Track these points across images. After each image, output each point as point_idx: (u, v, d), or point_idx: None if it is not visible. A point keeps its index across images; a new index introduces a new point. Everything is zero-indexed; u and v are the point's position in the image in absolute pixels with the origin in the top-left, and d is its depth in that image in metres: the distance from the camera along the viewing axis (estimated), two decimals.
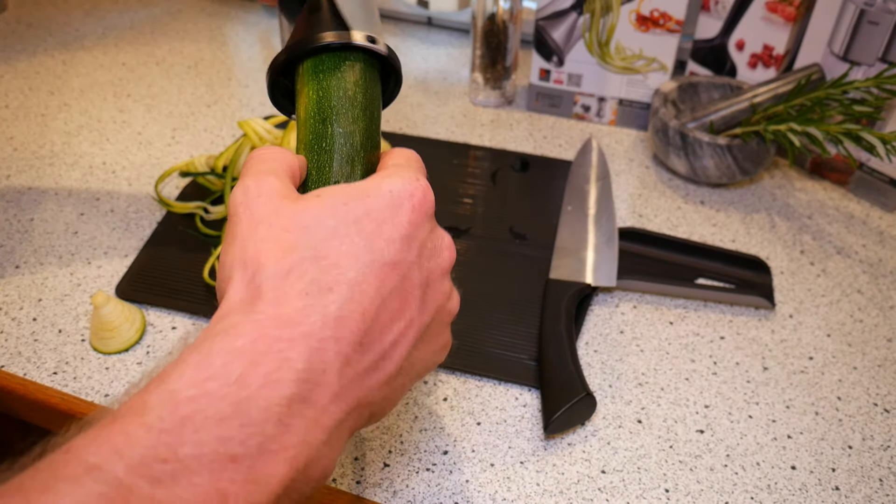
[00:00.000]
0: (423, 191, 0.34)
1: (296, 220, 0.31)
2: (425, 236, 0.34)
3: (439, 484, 0.49)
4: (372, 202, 0.32)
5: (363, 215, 0.32)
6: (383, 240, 0.32)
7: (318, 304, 0.29)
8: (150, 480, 0.25)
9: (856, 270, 0.67)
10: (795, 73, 0.72)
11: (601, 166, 0.74)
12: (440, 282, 0.35)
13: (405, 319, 0.32)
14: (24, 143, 0.80)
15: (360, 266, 0.31)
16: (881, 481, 0.50)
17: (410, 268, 0.32)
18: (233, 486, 0.26)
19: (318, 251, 0.31)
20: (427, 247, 0.34)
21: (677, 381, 0.57)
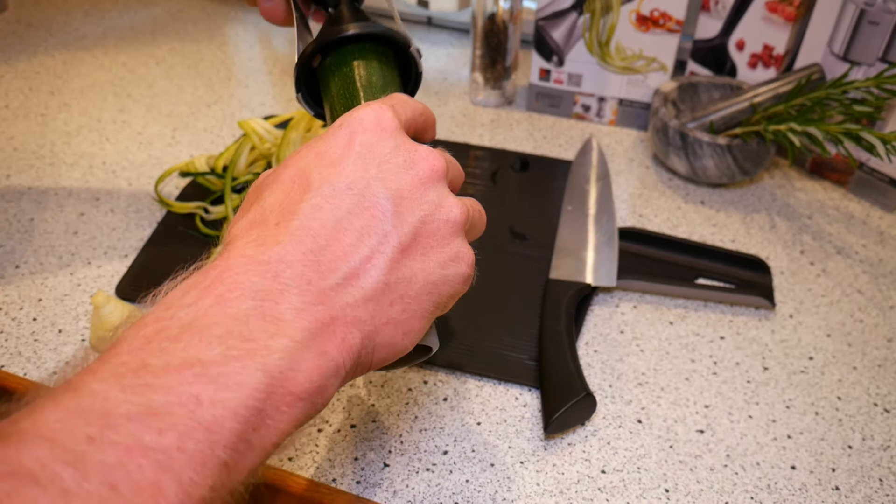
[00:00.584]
0: (377, 112, 0.35)
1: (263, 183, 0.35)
2: (387, 153, 0.35)
3: (439, 484, 0.49)
4: (330, 138, 0.35)
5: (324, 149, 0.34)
6: (338, 164, 0.33)
7: (270, 235, 0.31)
8: (124, 388, 0.26)
9: (856, 270, 0.67)
10: (795, 72, 0.72)
11: (601, 166, 0.74)
12: (419, 191, 0.35)
13: (377, 234, 0.33)
14: (24, 142, 0.80)
15: (314, 193, 0.33)
16: (881, 481, 0.50)
17: (370, 184, 0.33)
18: (205, 389, 0.26)
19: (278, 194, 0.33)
20: (392, 161, 0.34)
21: (677, 381, 0.57)
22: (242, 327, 0.28)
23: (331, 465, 0.50)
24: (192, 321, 0.28)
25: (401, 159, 0.35)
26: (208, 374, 0.27)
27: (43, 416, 0.24)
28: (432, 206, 0.35)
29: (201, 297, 0.29)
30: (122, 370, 0.26)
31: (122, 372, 0.26)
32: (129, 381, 0.26)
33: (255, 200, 0.34)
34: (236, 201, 0.67)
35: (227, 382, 0.27)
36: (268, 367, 0.28)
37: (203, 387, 0.26)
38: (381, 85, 0.43)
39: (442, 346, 0.57)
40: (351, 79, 0.43)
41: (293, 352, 0.29)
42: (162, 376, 0.26)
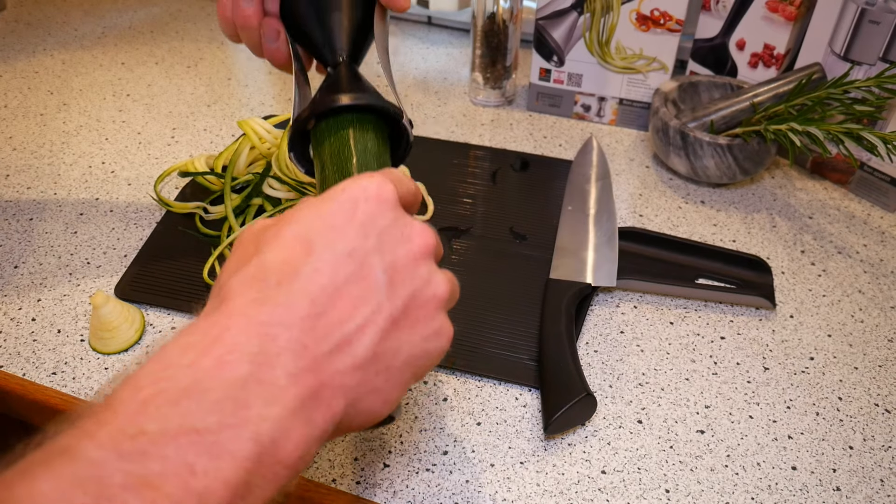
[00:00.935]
0: (379, 184, 0.36)
1: (261, 236, 0.35)
2: (386, 225, 0.35)
3: (439, 484, 0.49)
4: (330, 204, 0.35)
5: (323, 213, 0.34)
6: (338, 231, 0.34)
7: (269, 297, 0.31)
8: (120, 455, 0.26)
9: (857, 270, 0.67)
10: (796, 72, 0.72)
11: (601, 166, 0.74)
12: (412, 267, 0.35)
13: (370, 305, 0.33)
14: (23, 142, 0.79)
15: (314, 258, 0.33)
16: (882, 482, 0.50)
17: (368, 255, 0.34)
18: (199, 458, 0.27)
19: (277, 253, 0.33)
20: (390, 234, 0.35)
21: (678, 381, 0.56)
22: (239, 393, 0.28)
23: (331, 465, 0.50)
24: (191, 384, 0.28)
25: (398, 232, 0.35)
26: (203, 441, 0.27)
27: (38, 486, 0.24)
28: (422, 281, 0.35)
29: (200, 357, 0.29)
30: (119, 436, 0.26)
31: (120, 438, 0.26)
32: (125, 447, 0.26)
33: (252, 252, 0.34)
34: (236, 201, 0.66)
35: (219, 451, 0.27)
36: (259, 437, 0.28)
37: (197, 456, 0.27)
38: (374, 152, 0.45)
39: None
40: (346, 144, 0.45)
41: (284, 420, 0.29)
42: (159, 444, 0.26)
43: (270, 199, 0.66)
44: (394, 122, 0.48)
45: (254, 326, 0.30)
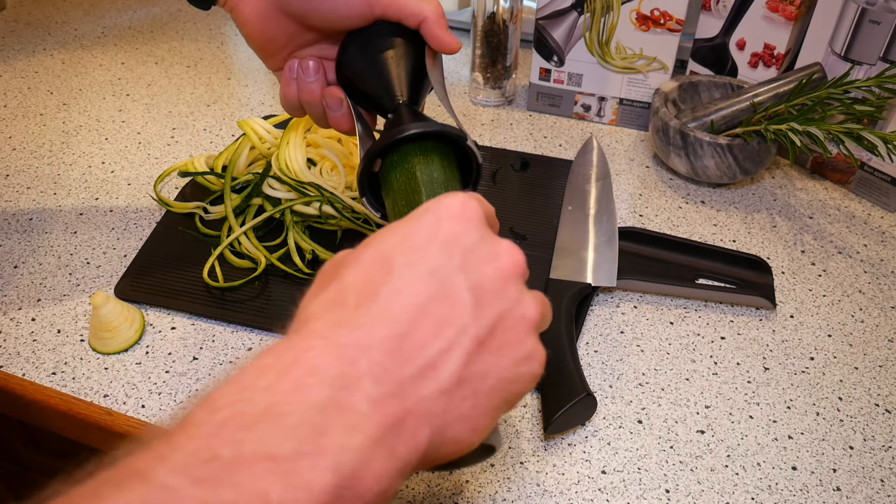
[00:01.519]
0: (463, 202, 0.34)
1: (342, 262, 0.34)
2: (471, 243, 0.34)
3: (439, 484, 0.49)
4: (414, 223, 0.34)
5: (407, 234, 0.33)
6: (421, 250, 0.32)
7: (349, 319, 0.30)
8: (193, 481, 0.25)
9: (857, 270, 0.67)
10: (796, 72, 0.72)
11: (601, 166, 0.74)
12: (499, 287, 0.34)
13: (456, 326, 0.31)
14: (22, 142, 0.79)
15: (396, 278, 0.31)
16: (882, 482, 0.50)
17: (452, 273, 0.32)
18: (274, 487, 0.25)
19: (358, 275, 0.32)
20: (476, 252, 0.33)
21: (678, 381, 0.56)
22: (317, 418, 0.27)
23: None
24: (267, 408, 0.27)
25: (484, 251, 0.34)
26: (279, 469, 0.26)
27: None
28: (511, 302, 0.33)
29: (277, 380, 0.28)
30: (192, 461, 0.25)
31: (193, 463, 0.25)
32: (199, 472, 0.25)
33: (332, 278, 0.33)
34: (236, 201, 0.66)
35: (296, 481, 0.26)
36: (339, 468, 0.27)
37: (272, 484, 0.25)
38: (442, 180, 0.45)
39: None
40: (412, 177, 0.45)
41: (365, 450, 0.28)
42: (233, 470, 0.25)
43: (270, 199, 0.66)
44: (460, 148, 0.48)
45: (333, 349, 0.29)
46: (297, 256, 0.63)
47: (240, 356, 0.57)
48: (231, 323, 0.60)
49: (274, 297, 0.61)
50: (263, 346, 0.58)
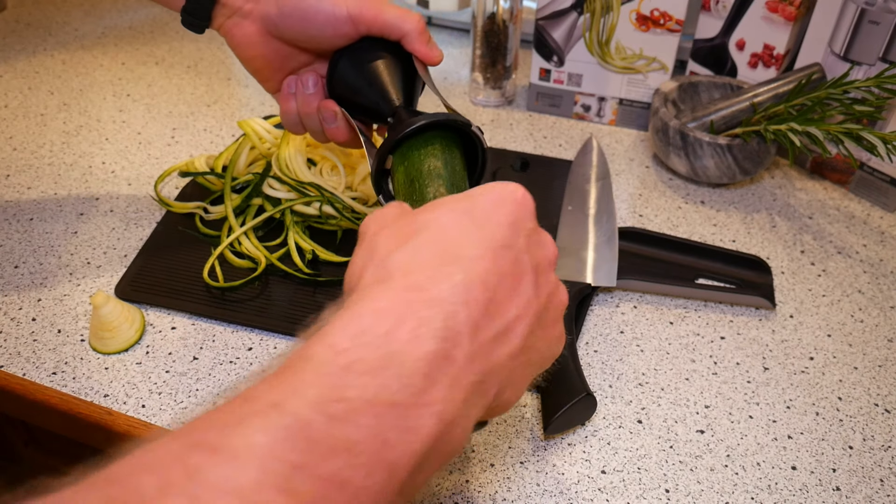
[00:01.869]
0: (524, 193, 0.37)
1: (414, 221, 0.35)
2: (531, 228, 0.37)
3: (439, 484, 0.49)
4: (479, 199, 0.36)
5: (472, 207, 0.35)
6: (494, 224, 0.35)
7: (443, 273, 0.32)
8: (327, 417, 0.27)
9: (856, 270, 0.67)
10: (796, 72, 0.72)
11: (601, 166, 0.74)
12: (548, 271, 0.37)
13: (523, 298, 0.34)
14: (23, 142, 0.79)
15: (475, 245, 0.33)
16: (882, 482, 0.50)
17: (520, 252, 0.35)
18: (392, 431, 0.28)
19: (436, 236, 0.34)
20: (532, 238, 0.36)
21: (678, 381, 0.56)
22: (428, 368, 0.29)
23: None
24: (387, 356, 0.29)
25: (538, 238, 0.37)
26: (396, 415, 0.28)
27: (254, 437, 0.26)
28: (554, 286, 0.37)
29: (396, 328, 0.30)
30: (324, 399, 0.27)
31: (325, 401, 0.27)
32: (330, 410, 0.27)
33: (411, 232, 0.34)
34: (236, 201, 0.66)
35: (408, 426, 0.28)
36: (443, 417, 0.29)
37: (390, 428, 0.28)
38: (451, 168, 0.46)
39: None
40: (428, 163, 0.46)
41: (462, 403, 0.30)
42: (359, 413, 0.27)
43: (270, 199, 0.66)
44: (466, 137, 0.49)
45: (437, 302, 0.31)
46: (297, 256, 0.64)
47: (239, 356, 0.57)
48: (231, 323, 0.60)
49: (274, 297, 0.61)
50: (264, 347, 0.58)
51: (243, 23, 0.53)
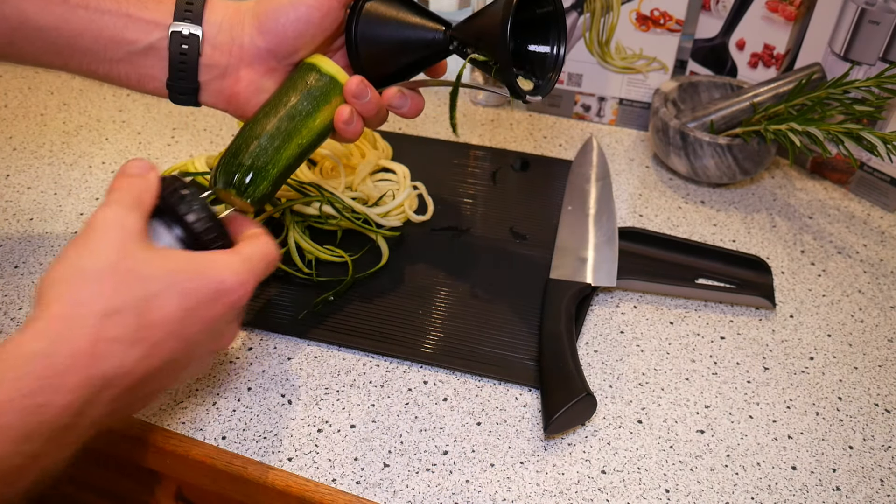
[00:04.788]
0: (243, 293, 0.42)
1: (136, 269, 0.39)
2: (222, 326, 0.43)
3: (439, 484, 0.49)
4: (201, 282, 0.41)
5: (190, 290, 0.40)
6: (194, 319, 0.40)
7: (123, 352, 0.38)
8: None
9: (857, 270, 0.67)
10: (796, 72, 0.72)
11: (601, 166, 0.74)
12: (203, 356, 0.44)
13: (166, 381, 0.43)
14: (23, 142, 0.79)
15: (164, 333, 0.39)
16: (882, 482, 0.50)
17: (195, 345, 0.42)
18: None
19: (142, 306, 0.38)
20: (216, 330, 0.42)
21: (678, 381, 0.56)
22: None
23: (331, 465, 0.50)
24: None
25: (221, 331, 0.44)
26: None
27: None
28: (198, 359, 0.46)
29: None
30: None
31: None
32: None
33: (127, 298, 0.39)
34: None
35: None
36: None
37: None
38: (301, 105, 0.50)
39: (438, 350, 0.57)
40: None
41: None
42: None
43: None
44: None
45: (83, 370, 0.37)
46: (297, 256, 0.64)
47: (239, 356, 0.57)
48: None
49: (274, 297, 0.61)
50: (264, 347, 0.58)
51: (239, 73, 0.51)
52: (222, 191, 0.50)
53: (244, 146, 0.49)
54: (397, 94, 0.52)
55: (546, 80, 0.51)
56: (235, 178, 0.49)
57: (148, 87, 0.53)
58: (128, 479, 0.68)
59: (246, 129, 0.50)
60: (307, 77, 0.51)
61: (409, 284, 0.63)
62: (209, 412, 0.53)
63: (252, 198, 0.49)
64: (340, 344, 0.58)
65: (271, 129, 0.49)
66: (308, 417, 0.53)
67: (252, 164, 0.49)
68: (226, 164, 0.50)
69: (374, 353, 0.57)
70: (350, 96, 0.51)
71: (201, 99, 0.53)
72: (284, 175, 0.51)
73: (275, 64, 0.52)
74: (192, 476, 0.53)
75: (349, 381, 0.56)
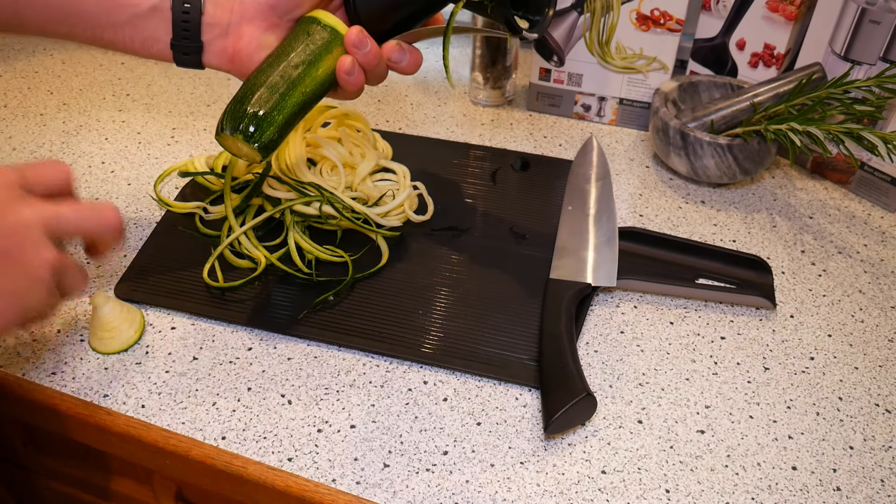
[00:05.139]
0: None
1: None
2: None
3: (439, 484, 0.49)
4: None
5: None
6: None
7: None
8: None
9: (857, 270, 0.67)
10: (796, 72, 0.72)
11: (601, 166, 0.74)
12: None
13: None
14: (22, 142, 0.79)
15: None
16: (882, 482, 0.50)
17: None
18: None
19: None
20: None
21: (678, 381, 0.56)
22: None
23: (331, 465, 0.50)
24: None
25: None
26: None
27: None
28: None
29: None
30: None
31: None
32: None
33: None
34: (236, 201, 0.66)
35: None
36: None
37: None
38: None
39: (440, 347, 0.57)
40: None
41: None
42: None
43: (270, 199, 0.66)
44: None
45: None
46: (297, 256, 0.63)
47: (239, 356, 0.57)
48: (231, 323, 0.60)
49: (274, 297, 0.61)
50: (263, 347, 0.58)
51: (241, 30, 0.52)
52: (229, 137, 0.50)
53: (250, 93, 0.50)
54: (396, 47, 0.53)
55: (543, 16, 0.51)
56: (242, 125, 0.50)
57: (152, 50, 0.53)
58: (128, 479, 0.68)
59: (251, 77, 0.52)
60: (309, 29, 0.52)
61: (409, 284, 0.63)
62: (209, 412, 0.53)
63: (259, 143, 0.50)
64: (340, 344, 0.58)
65: (276, 77, 0.51)
66: (308, 417, 0.53)
67: (258, 110, 0.50)
68: (232, 111, 0.50)
69: (374, 353, 0.57)
70: (350, 46, 0.52)
71: (204, 59, 0.54)
72: (290, 123, 0.52)
73: (276, 20, 0.52)
74: (192, 476, 0.53)
75: (349, 381, 0.56)
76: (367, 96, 0.88)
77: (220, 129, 0.50)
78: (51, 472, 0.73)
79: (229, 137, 0.50)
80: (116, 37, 0.53)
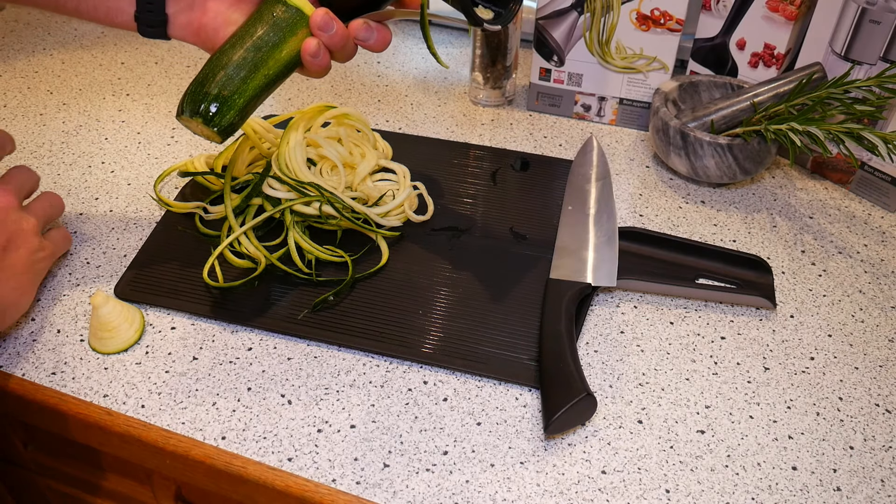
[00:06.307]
0: None
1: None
2: None
3: (439, 484, 0.49)
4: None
5: None
6: None
7: None
8: None
9: (857, 270, 0.67)
10: (797, 72, 0.72)
11: (601, 166, 0.74)
12: None
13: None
14: (22, 142, 0.79)
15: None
16: (883, 482, 0.50)
17: None
18: None
19: None
20: None
21: (678, 381, 0.56)
22: None
23: (331, 465, 0.50)
24: None
25: None
26: None
27: None
28: None
29: None
30: None
31: None
32: None
33: None
34: (236, 201, 0.66)
35: None
36: None
37: None
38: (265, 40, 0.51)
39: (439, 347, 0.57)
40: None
41: None
42: None
43: (270, 199, 0.66)
44: None
45: None
46: (297, 256, 0.63)
47: (239, 356, 0.57)
48: (231, 323, 0.60)
49: (274, 297, 0.61)
50: (264, 347, 0.58)
51: (207, 4, 0.51)
52: (189, 120, 0.50)
53: (211, 75, 0.50)
54: (363, 25, 0.52)
55: (507, 10, 0.51)
56: (202, 108, 0.49)
57: (117, 21, 0.53)
58: (127, 479, 0.68)
59: (213, 58, 0.51)
60: (274, 8, 0.51)
61: (409, 284, 0.63)
62: (209, 412, 0.53)
63: (218, 126, 0.50)
64: (340, 344, 0.58)
65: (238, 59, 0.50)
66: (308, 417, 0.53)
67: (218, 93, 0.49)
68: (193, 94, 0.50)
69: (374, 353, 0.57)
70: (316, 28, 0.51)
71: (170, 32, 0.53)
72: (251, 106, 0.51)
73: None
74: (191, 476, 0.53)
75: (349, 381, 0.56)
76: (367, 96, 0.88)
77: (181, 111, 0.50)
78: (51, 472, 0.73)
79: (189, 120, 0.50)
80: (81, 5, 0.52)
